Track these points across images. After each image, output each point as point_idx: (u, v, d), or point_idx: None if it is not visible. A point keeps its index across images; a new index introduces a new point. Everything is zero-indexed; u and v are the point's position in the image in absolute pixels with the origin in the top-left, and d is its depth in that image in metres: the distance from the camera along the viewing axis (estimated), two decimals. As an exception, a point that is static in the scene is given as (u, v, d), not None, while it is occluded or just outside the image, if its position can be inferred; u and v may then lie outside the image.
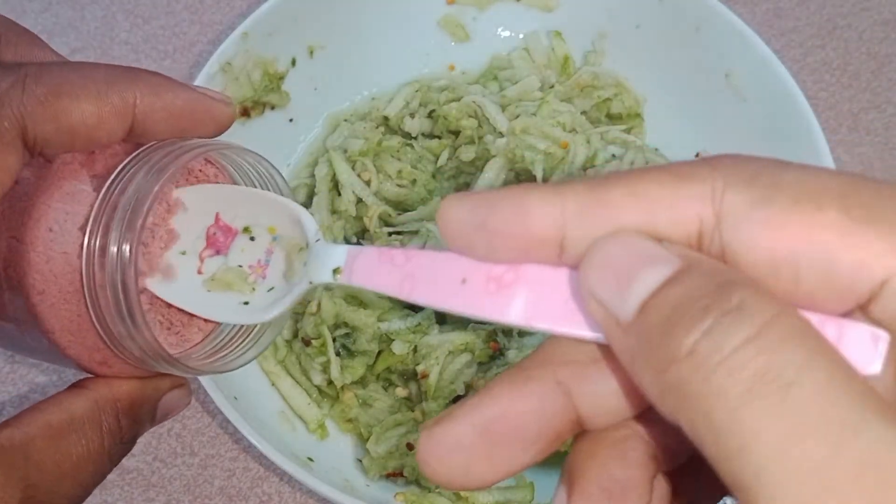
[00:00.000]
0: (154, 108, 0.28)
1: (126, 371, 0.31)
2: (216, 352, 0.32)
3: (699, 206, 0.19)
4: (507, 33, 0.63)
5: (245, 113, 0.57)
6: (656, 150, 0.58)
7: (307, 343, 0.52)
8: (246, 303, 0.30)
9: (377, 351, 0.52)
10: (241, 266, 0.31)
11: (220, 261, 0.31)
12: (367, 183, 0.55)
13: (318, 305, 0.51)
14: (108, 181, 0.28)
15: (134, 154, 0.29)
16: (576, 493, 0.20)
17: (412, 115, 0.58)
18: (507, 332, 0.51)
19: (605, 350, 0.21)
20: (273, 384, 0.53)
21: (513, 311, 0.21)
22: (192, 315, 0.32)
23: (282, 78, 0.58)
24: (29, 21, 0.67)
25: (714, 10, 0.55)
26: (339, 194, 0.55)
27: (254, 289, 0.30)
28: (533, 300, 0.21)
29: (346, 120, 0.60)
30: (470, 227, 0.21)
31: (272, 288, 0.30)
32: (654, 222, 0.19)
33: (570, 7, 0.61)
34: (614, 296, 0.19)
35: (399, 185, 0.55)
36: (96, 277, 0.28)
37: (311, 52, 0.59)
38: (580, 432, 0.21)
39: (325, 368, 0.52)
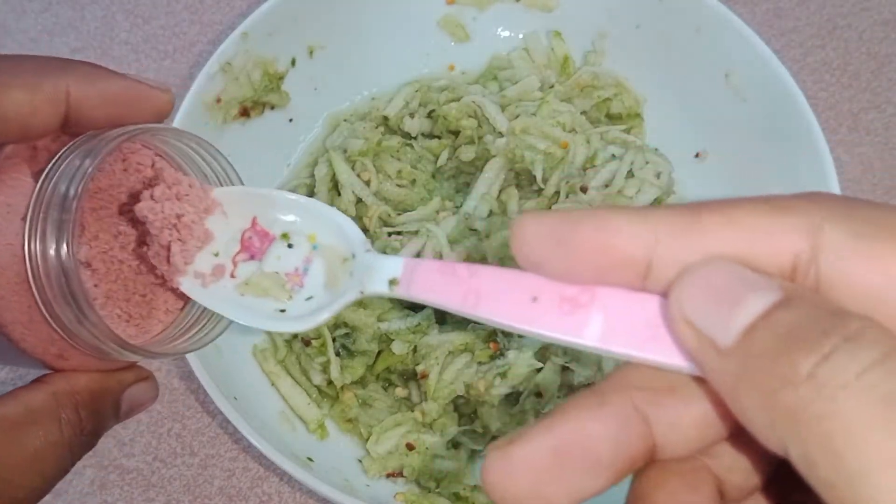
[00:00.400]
0: (88, 96, 0.29)
1: (86, 364, 0.31)
2: (178, 336, 0.32)
3: (796, 238, 0.19)
4: (506, 33, 0.63)
5: (245, 113, 0.57)
6: (656, 150, 0.58)
7: (307, 343, 0.52)
8: (282, 310, 0.30)
9: (377, 351, 0.52)
10: (276, 273, 0.30)
11: (254, 266, 0.31)
12: (367, 183, 0.55)
13: (318, 305, 0.51)
14: (45, 170, 0.28)
15: (70, 143, 0.29)
16: None
17: (412, 115, 0.58)
18: (507, 332, 0.51)
19: (686, 378, 0.20)
20: (273, 384, 0.53)
21: (588, 334, 0.21)
22: (152, 307, 0.32)
23: (282, 78, 0.58)
24: (29, 21, 0.67)
25: (714, 10, 0.55)
26: (339, 194, 0.55)
27: (290, 296, 0.30)
28: (610, 323, 0.21)
29: (345, 120, 0.60)
30: (550, 244, 0.20)
31: (310, 297, 0.29)
32: (751, 252, 0.19)
33: (570, 7, 0.61)
34: (713, 320, 0.19)
35: (399, 185, 0.55)
36: (40, 266, 0.28)
37: (311, 52, 0.59)
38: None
39: (325, 368, 0.52)
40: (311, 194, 0.56)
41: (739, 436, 0.19)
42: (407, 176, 0.56)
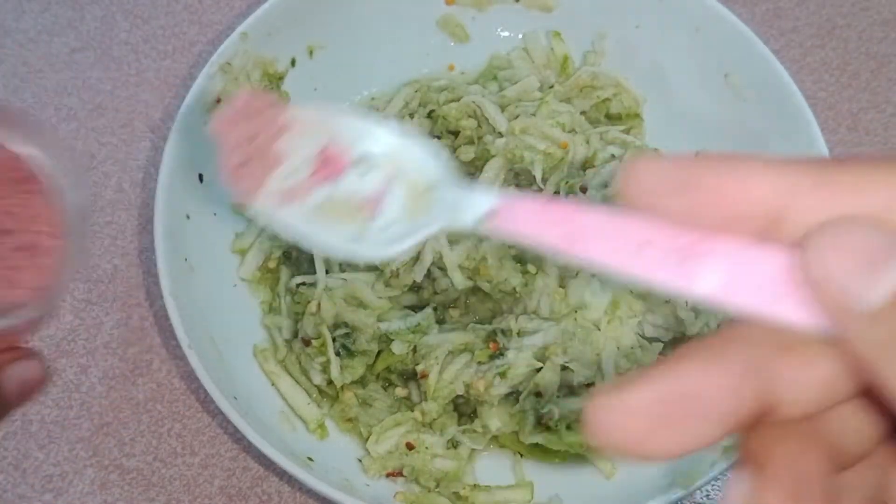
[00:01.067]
0: None
1: None
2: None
3: None
4: (506, 33, 0.63)
5: (245, 113, 0.57)
6: (656, 150, 0.58)
7: (307, 343, 0.52)
8: (358, 237, 0.28)
9: (377, 351, 0.52)
10: (352, 198, 0.28)
11: (328, 190, 0.29)
12: (367, 183, 0.55)
13: (318, 305, 0.51)
14: None
15: None
16: (769, 478, 0.19)
17: (412, 115, 0.58)
18: (507, 332, 0.51)
19: (806, 337, 0.19)
20: (273, 384, 0.53)
21: (703, 284, 0.19)
22: (14, 274, 0.32)
23: (281, 78, 0.58)
24: (29, 21, 0.67)
25: (714, 10, 0.55)
26: (339, 194, 0.55)
27: (366, 224, 0.28)
28: (728, 275, 0.19)
29: (345, 120, 0.60)
30: (670, 185, 0.19)
31: (388, 227, 0.28)
32: (890, 215, 0.18)
33: (570, 7, 0.61)
34: (859, 280, 0.17)
35: (399, 185, 0.55)
36: None
37: (311, 52, 0.59)
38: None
39: (325, 368, 0.52)
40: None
41: (859, 400, 0.18)
42: (407, 176, 0.56)
